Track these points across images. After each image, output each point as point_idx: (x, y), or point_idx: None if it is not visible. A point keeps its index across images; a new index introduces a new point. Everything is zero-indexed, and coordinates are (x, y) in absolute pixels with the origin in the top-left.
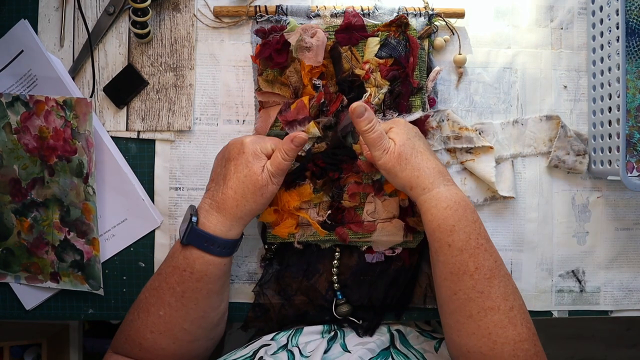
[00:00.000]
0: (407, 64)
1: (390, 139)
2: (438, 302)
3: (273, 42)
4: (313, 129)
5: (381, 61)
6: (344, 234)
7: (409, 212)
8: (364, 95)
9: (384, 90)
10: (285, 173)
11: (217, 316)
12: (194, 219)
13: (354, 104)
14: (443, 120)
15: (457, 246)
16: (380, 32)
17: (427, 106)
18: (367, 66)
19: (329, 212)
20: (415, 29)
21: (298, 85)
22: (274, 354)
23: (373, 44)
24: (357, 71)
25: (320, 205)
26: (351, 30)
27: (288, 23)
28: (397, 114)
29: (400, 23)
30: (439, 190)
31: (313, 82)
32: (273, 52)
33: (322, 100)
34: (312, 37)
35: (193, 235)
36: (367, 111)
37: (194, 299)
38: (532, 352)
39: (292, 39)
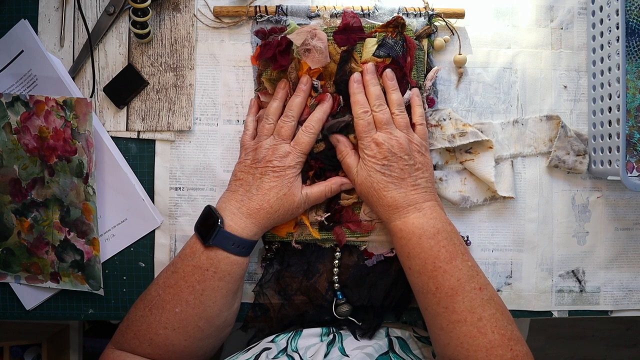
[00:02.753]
0: (404, 63)
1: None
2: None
3: (274, 44)
4: None
5: (379, 60)
6: (341, 234)
7: None
8: None
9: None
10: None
11: (230, 316)
12: (220, 220)
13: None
14: (445, 120)
15: (415, 269)
16: (377, 33)
17: (426, 105)
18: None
19: (328, 214)
20: (412, 30)
21: (297, 82)
22: (274, 358)
23: (371, 44)
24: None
25: (318, 205)
26: (349, 31)
27: (288, 25)
28: None
29: (397, 24)
30: (394, 224)
31: (312, 82)
32: (277, 54)
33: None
34: (312, 39)
35: (220, 238)
36: (341, 144)
37: (213, 297)
38: (508, 357)
39: (298, 40)
